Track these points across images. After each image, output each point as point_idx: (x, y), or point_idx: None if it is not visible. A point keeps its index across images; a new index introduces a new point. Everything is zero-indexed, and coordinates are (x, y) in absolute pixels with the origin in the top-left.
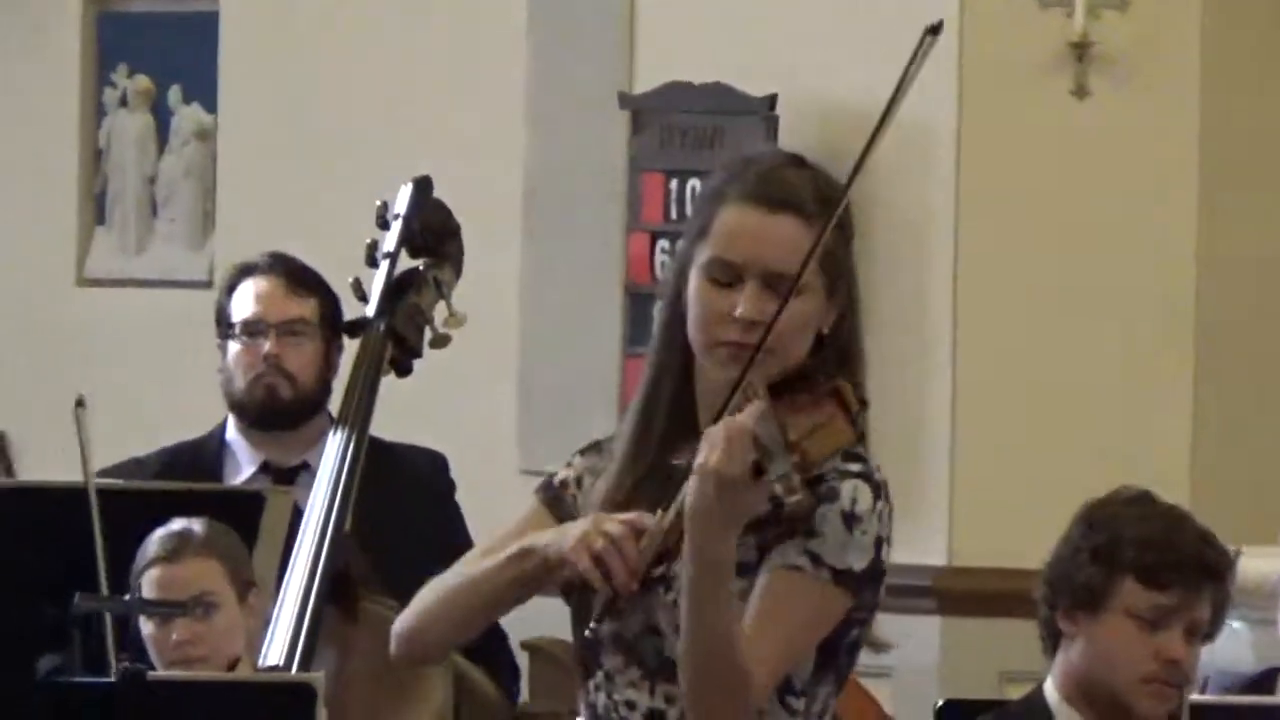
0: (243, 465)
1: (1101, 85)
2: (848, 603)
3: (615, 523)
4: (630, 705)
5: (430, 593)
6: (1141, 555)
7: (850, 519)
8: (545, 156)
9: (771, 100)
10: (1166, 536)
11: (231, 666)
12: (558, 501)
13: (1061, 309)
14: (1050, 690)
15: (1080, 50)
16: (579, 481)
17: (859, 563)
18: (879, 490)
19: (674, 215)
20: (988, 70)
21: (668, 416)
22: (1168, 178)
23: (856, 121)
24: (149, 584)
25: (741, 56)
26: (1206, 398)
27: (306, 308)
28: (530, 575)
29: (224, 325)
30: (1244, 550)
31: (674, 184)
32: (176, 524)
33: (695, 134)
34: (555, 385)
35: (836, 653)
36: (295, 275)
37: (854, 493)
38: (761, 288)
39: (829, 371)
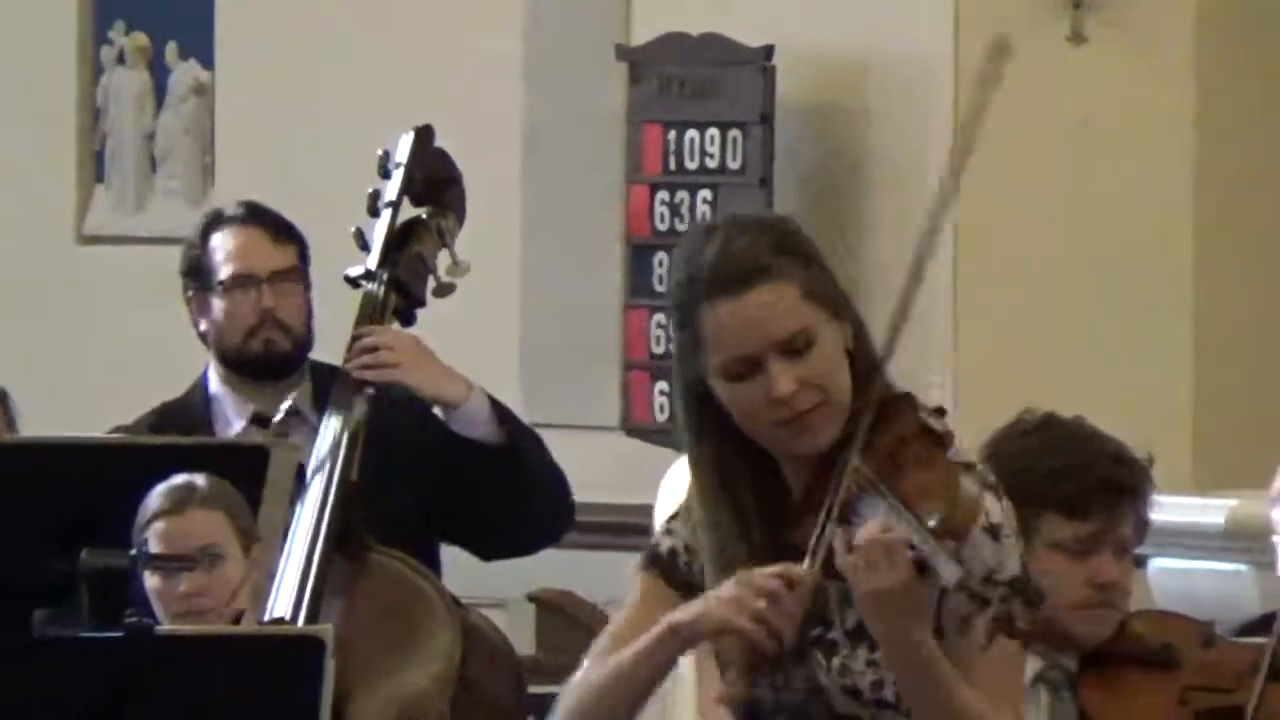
0: (232, 419)
1: (1098, 32)
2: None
3: (767, 577)
4: None
5: (574, 695)
6: (1057, 489)
7: (994, 531)
8: (543, 110)
9: (768, 50)
10: (1079, 464)
11: (236, 620)
12: (673, 570)
13: (1059, 255)
14: None
15: None
16: (687, 549)
17: (1016, 566)
18: (996, 490)
19: (673, 167)
20: (984, 18)
21: (755, 497)
22: (1164, 124)
23: (852, 70)
24: (154, 537)
25: (738, 6)
26: (1207, 343)
27: (291, 255)
28: (680, 653)
29: (203, 277)
30: (1246, 494)
31: (672, 135)
32: (178, 479)
33: (693, 85)
34: (556, 338)
35: None
36: (275, 223)
37: (985, 505)
38: (780, 359)
39: (884, 388)
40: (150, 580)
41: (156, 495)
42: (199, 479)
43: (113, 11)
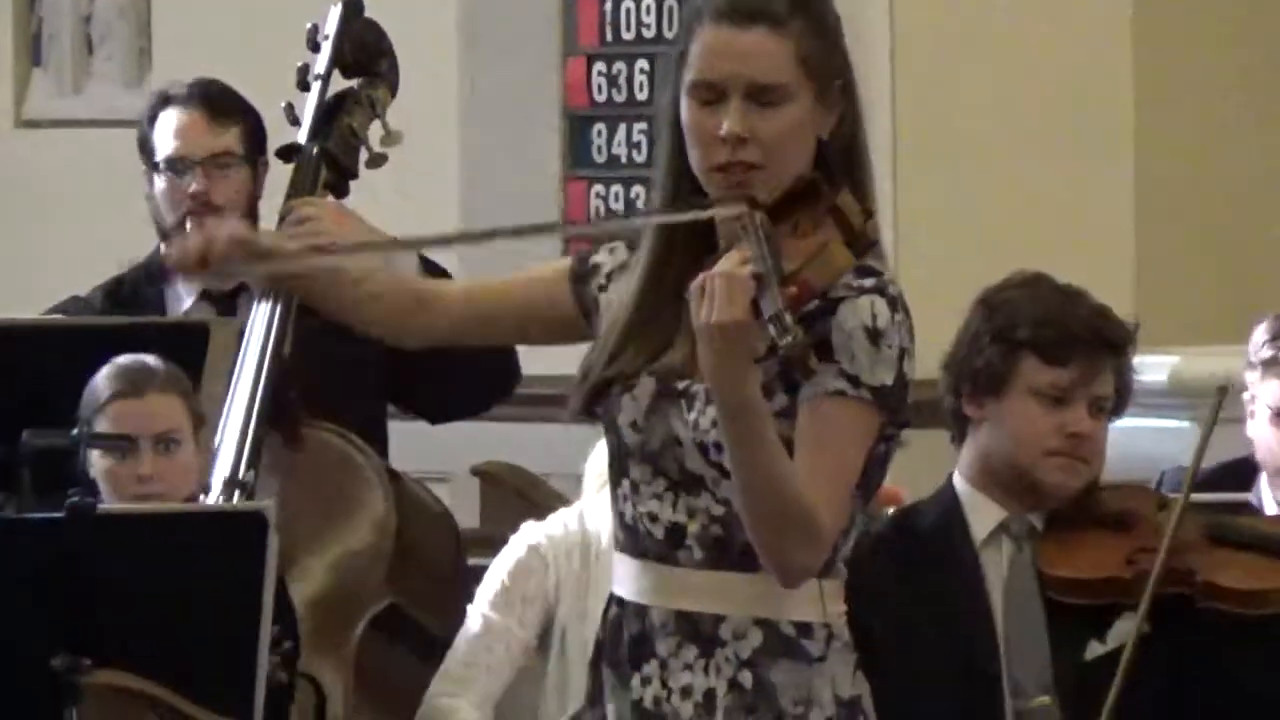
0: (183, 295)
1: None
2: (881, 420)
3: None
4: (653, 517)
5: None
6: (1039, 332)
7: (874, 334)
8: None
9: None
10: (1062, 312)
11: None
12: (581, 279)
13: (999, 112)
14: (958, 480)
15: None
16: (610, 275)
17: (888, 377)
18: (895, 303)
19: (610, 38)
20: None
21: (687, 238)
22: (1103, 14)
23: None
24: (111, 419)
25: None
26: (1147, 203)
27: (230, 137)
28: None
29: (148, 155)
30: (1188, 351)
31: (609, 6)
32: (129, 359)
33: None
34: (496, 209)
35: (866, 470)
36: (216, 104)
37: (872, 308)
38: (745, 103)
39: (833, 181)
40: (101, 462)
41: (111, 377)
42: (152, 361)
43: None
